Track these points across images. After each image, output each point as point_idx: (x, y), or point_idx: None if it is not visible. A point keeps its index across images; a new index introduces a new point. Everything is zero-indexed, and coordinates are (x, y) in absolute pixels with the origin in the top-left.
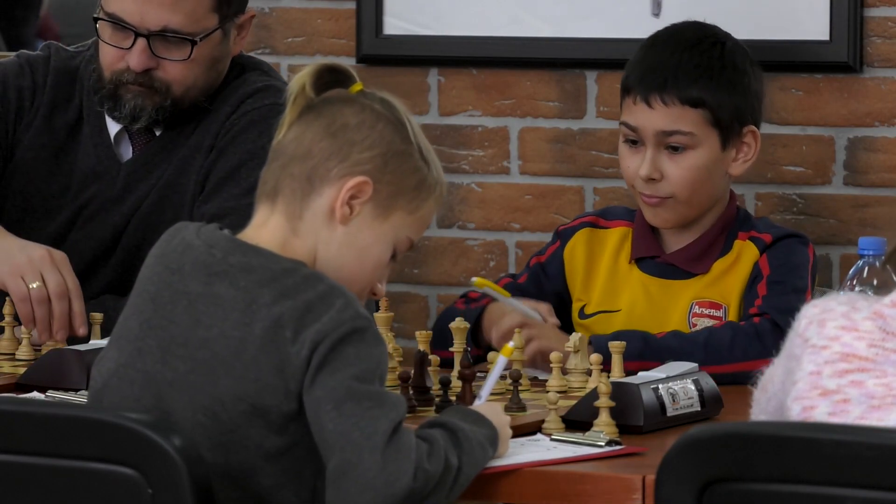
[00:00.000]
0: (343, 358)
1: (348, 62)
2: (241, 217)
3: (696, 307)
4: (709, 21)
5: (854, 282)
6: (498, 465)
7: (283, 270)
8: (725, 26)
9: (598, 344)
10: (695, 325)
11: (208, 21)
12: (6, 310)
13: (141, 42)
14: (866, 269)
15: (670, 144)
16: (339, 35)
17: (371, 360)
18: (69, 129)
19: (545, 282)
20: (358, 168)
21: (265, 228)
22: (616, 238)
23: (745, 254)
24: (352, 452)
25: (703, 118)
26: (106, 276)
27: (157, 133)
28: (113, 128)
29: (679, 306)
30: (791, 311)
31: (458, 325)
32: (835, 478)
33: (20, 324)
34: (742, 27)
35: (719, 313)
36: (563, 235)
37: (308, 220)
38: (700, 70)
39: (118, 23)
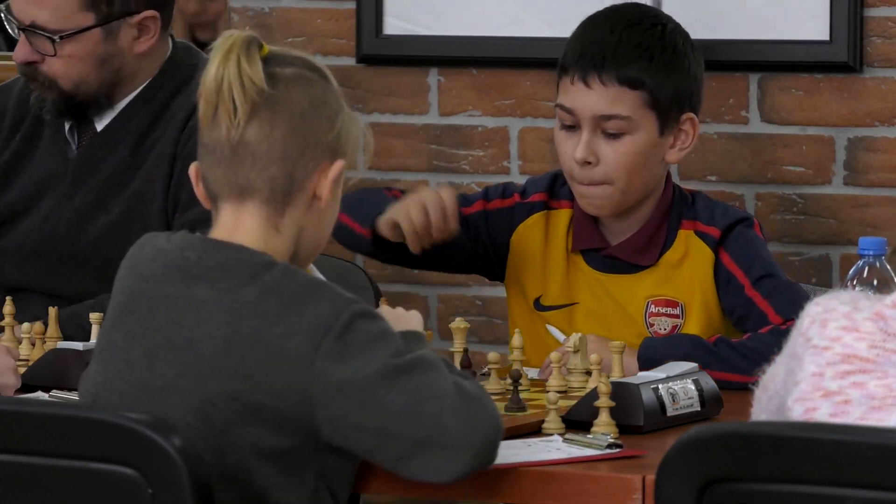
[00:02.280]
0: (360, 345)
1: (348, 62)
2: None
3: (652, 306)
4: (708, 22)
5: (854, 282)
6: (498, 464)
7: (261, 266)
8: (725, 26)
9: (647, 348)
10: (652, 325)
11: (79, 19)
12: (6, 309)
13: (22, 35)
14: (866, 269)
15: (607, 130)
16: (339, 35)
17: (388, 335)
18: (25, 139)
19: (482, 232)
20: (330, 152)
21: (240, 230)
22: (564, 222)
23: (695, 251)
24: (432, 421)
25: (642, 100)
26: (81, 288)
27: (99, 128)
28: (66, 124)
29: (634, 302)
30: (800, 302)
31: (458, 325)
32: (835, 478)
33: (20, 323)
34: (742, 27)
35: (676, 311)
36: (518, 210)
37: (289, 214)
38: (640, 50)
39: (6, 16)
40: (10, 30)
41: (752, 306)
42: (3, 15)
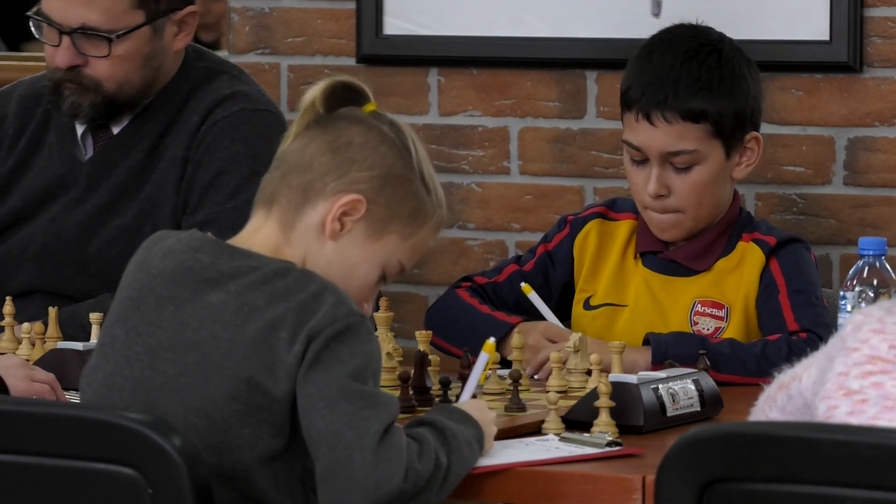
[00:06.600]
0: (337, 356)
1: (348, 62)
2: (227, 221)
3: (699, 306)
4: (709, 22)
5: (854, 282)
6: (497, 464)
7: (273, 272)
8: (725, 26)
9: (657, 342)
10: (696, 324)
11: (130, 18)
12: (6, 310)
13: (65, 39)
14: (866, 269)
15: (676, 165)
16: (339, 35)
17: (364, 358)
18: (28, 146)
19: (552, 271)
20: (354, 186)
21: (258, 234)
22: (625, 231)
23: (749, 256)
24: (343, 451)
25: (706, 132)
26: (85, 291)
27: (115, 131)
28: (79, 129)
29: (681, 304)
30: (826, 324)
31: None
32: (835, 478)
33: (20, 323)
34: (742, 27)
35: (721, 313)
36: (573, 225)
37: (300, 231)
38: (700, 83)
39: (45, 21)
40: (36, 34)
41: (778, 312)
42: (32, 20)
